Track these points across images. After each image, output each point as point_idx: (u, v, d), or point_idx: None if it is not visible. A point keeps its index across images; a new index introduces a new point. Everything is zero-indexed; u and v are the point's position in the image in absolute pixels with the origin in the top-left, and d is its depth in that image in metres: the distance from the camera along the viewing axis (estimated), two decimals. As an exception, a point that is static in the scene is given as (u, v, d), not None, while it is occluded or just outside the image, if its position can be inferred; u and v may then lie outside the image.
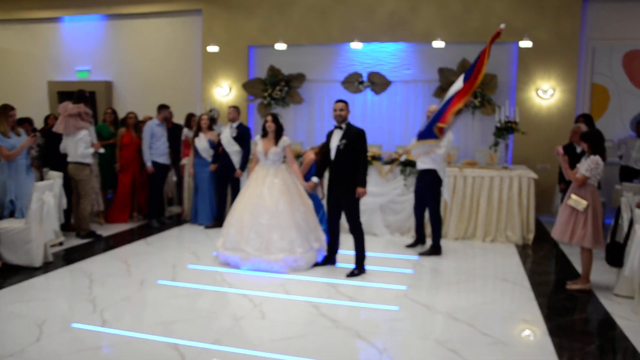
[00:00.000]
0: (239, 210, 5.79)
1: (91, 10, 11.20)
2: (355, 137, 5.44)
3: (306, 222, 5.79)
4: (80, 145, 6.87)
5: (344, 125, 5.52)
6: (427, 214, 6.66)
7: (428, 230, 6.84)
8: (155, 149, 7.68)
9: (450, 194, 7.05)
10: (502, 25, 6.01)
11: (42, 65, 11.84)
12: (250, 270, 5.59)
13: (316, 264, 5.85)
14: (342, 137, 5.46)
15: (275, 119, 5.92)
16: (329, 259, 5.89)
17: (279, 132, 5.91)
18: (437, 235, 6.46)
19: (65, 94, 10.60)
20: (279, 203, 5.66)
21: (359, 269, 5.59)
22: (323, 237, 5.97)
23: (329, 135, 5.65)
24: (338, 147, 5.47)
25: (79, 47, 11.57)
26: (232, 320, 4.30)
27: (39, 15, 11.59)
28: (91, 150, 6.96)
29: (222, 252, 5.84)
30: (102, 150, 7.28)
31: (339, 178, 5.53)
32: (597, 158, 5.02)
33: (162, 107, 7.83)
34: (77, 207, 7.01)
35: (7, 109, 6.15)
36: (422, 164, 6.41)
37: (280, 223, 5.61)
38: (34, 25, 11.81)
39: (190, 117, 8.87)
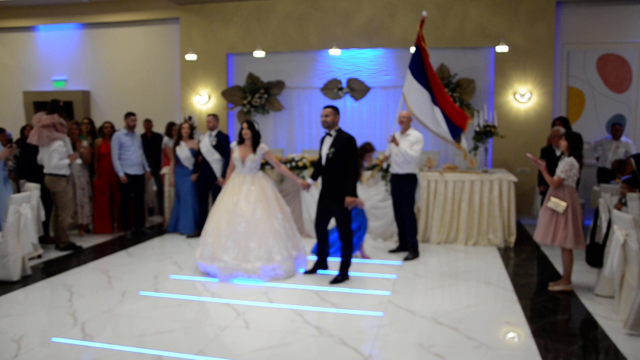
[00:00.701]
0: (216, 219, 5.72)
1: (67, 19, 11.07)
2: (344, 145, 5.41)
3: (284, 229, 5.74)
4: (54, 156, 6.73)
5: (333, 132, 5.51)
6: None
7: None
8: (125, 159, 7.54)
9: (424, 199, 7.16)
10: (424, 13, 6.42)
11: (17, 75, 11.65)
12: (228, 280, 5.52)
13: (307, 272, 5.82)
14: (332, 145, 5.46)
15: (251, 125, 5.84)
16: (320, 264, 5.86)
17: (255, 139, 5.84)
18: (415, 236, 6.60)
19: (41, 104, 10.45)
20: (255, 211, 5.60)
21: (342, 276, 5.57)
22: (301, 245, 5.94)
23: (322, 141, 5.66)
24: (327, 155, 5.46)
25: (54, 57, 11.42)
26: (216, 330, 4.25)
27: (13, 24, 11.42)
28: (66, 161, 6.82)
29: (201, 262, 5.77)
30: (79, 162, 7.18)
31: (329, 186, 5.52)
32: (571, 160, 5.09)
33: (127, 115, 7.66)
34: (56, 219, 6.89)
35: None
36: (401, 169, 6.48)
37: (257, 231, 5.55)
38: (7, 34, 11.63)
39: (170, 126, 8.78)
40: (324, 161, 5.54)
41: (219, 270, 5.55)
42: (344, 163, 5.39)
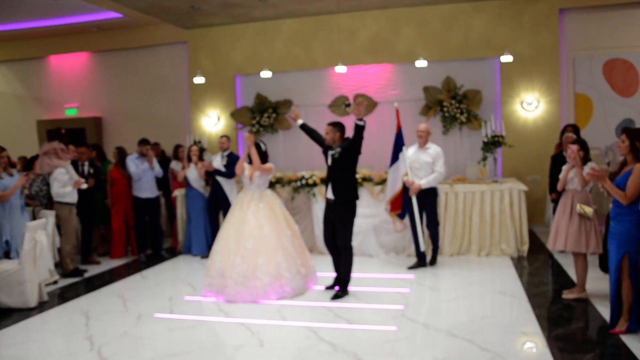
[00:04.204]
0: (225, 237, 5.75)
1: (77, 48, 11.31)
2: (349, 143, 5.46)
3: (293, 247, 5.76)
4: (54, 184, 6.78)
5: (335, 147, 5.55)
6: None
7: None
8: (137, 183, 7.65)
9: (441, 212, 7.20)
10: (396, 104, 6.94)
11: (30, 104, 11.91)
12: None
13: (328, 287, 5.82)
14: (337, 147, 5.50)
15: (257, 145, 5.96)
16: (339, 279, 5.80)
17: (262, 158, 5.94)
18: (437, 250, 6.77)
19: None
20: (264, 227, 5.64)
21: (342, 291, 5.57)
22: (311, 263, 5.96)
23: (327, 149, 5.70)
24: (333, 155, 5.51)
25: (66, 85, 11.67)
26: (231, 350, 4.27)
27: (26, 55, 11.70)
28: (68, 189, 6.80)
29: (208, 294, 5.73)
30: (84, 186, 7.16)
31: (336, 187, 5.49)
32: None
33: (141, 142, 7.76)
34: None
35: (-2, 150, 6.16)
36: (425, 185, 6.50)
37: (266, 247, 5.58)
38: (20, 64, 11.91)
39: (177, 149, 8.81)
40: (329, 161, 5.57)
41: (225, 300, 5.54)
42: (349, 160, 5.46)
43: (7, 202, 6.05)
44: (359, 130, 5.36)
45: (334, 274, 6.04)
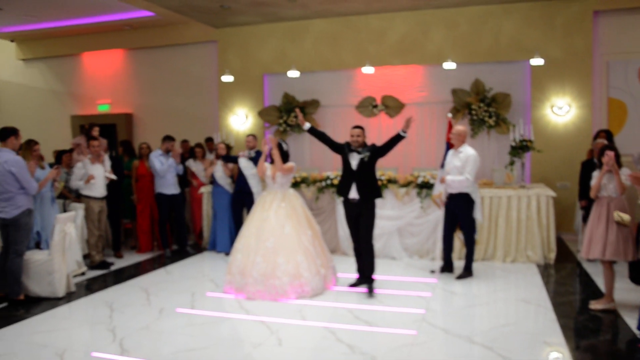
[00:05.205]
0: (246, 235, 5.82)
1: (110, 45, 11.55)
2: (379, 148, 5.77)
3: (313, 247, 5.79)
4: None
5: (361, 150, 5.72)
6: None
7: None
8: (159, 178, 7.72)
9: (482, 215, 6.81)
10: (449, 115, 6.86)
11: (65, 100, 12.21)
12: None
13: (352, 285, 5.93)
14: (364, 151, 5.69)
15: (279, 145, 6.02)
16: (362, 279, 5.93)
17: (284, 158, 5.99)
18: (471, 257, 6.39)
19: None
20: (284, 227, 5.68)
21: (370, 282, 5.74)
22: (332, 264, 6.00)
23: (347, 151, 5.78)
24: (362, 159, 5.67)
25: (99, 82, 11.93)
26: (250, 347, 4.30)
27: (62, 52, 12.00)
28: (80, 183, 6.91)
29: (229, 291, 5.80)
30: (113, 177, 7.22)
31: (363, 189, 5.70)
32: (627, 170, 4.96)
33: (165, 139, 7.80)
34: None
35: (31, 144, 6.35)
36: (452, 189, 6.30)
37: (286, 246, 5.61)
38: (56, 60, 12.22)
39: (193, 149, 8.77)
40: (355, 166, 5.71)
41: (245, 298, 5.59)
42: (374, 162, 5.76)
43: (38, 194, 6.22)
44: (399, 140, 5.72)
45: (355, 275, 6.06)
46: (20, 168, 5.46)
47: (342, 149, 5.83)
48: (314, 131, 6.02)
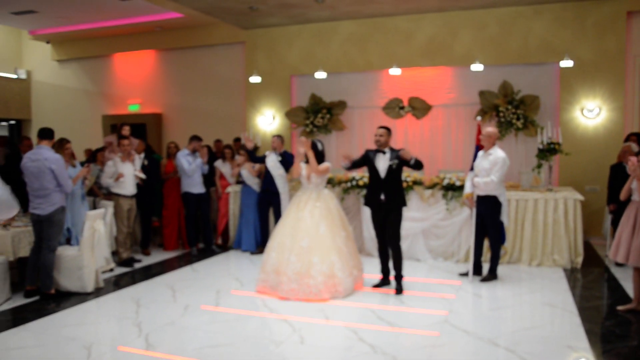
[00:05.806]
0: (280, 234, 5.85)
1: (141, 46, 11.79)
2: (404, 160, 5.73)
3: (347, 247, 5.82)
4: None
5: (387, 150, 5.77)
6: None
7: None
8: (186, 178, 7.81)
9: (508, 218, 6.67)
10: (479, 118, 7.08)
11: (97, 99, 12.51)
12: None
13: (375, 285, 6.00)
14: (392, 158, 5.74)
15: (314, 145, 6.04)
16: (386, 281, 6.04)
17: (319, 158, 6.01)
18: (496, 260, 6.31)
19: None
20: (319, 226, 5.70)
21: (400, 284, 5.82)
22: (361, 266, 6.02)
23: (372, 156, 5.84)
24: (391, 166, 5.72)
25: (129, 82, 12.19)
26: (272, 345, 4.36)
27: (94, 53, 12.30)
28: (109, 181, 7.04)
29: (262, 290, 5.85)
30: (142, 176, 7.36)
31: (390, 195, 5.78)
32: None
33: (193, 138, 7.87)
34: None
35: (63, 143, 6.54)
36: (479, 191, 6.21)
37: (321, 246, 5.63)
38: (89, 61, 12.53)
39: (223, 149, 8.82)
40: (383, 174, 5.76)
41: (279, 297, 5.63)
42: (401, 172, 5.85)
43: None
44: (418, 167, 5.74)
45: (379, 276, 6.08)
46: (59, 166, 5.63)
47: (367, 158, 5.89)
48: (351, 167, 6.03)
